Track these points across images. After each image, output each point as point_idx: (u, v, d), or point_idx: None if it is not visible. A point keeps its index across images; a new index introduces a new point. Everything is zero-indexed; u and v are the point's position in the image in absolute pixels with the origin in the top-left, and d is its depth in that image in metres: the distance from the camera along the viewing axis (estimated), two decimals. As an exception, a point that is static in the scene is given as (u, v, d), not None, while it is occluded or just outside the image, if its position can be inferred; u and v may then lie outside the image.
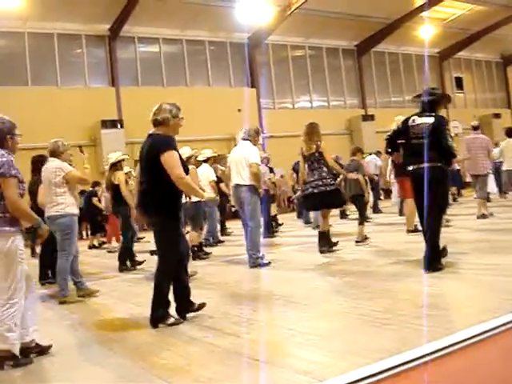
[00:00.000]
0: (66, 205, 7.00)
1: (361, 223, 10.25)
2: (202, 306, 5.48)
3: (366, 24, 28.55)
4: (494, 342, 3.79)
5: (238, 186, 8.78)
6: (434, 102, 6.83)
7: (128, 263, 9.90)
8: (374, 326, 4.42)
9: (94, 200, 15.03)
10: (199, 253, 10.35)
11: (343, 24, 27.71)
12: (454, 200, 16.60)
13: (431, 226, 6.51)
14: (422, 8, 27.13)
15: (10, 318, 4.33)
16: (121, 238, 10.65)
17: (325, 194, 8.93)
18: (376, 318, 4.62)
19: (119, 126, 22.41)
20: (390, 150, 7.35)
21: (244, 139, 8.96)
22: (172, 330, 5.06)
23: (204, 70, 26.50)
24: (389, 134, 7.36)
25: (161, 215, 5.25)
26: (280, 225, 15.41)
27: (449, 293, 5.44)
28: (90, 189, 15.15)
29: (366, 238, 10.07)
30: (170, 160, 5.09)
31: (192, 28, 25.39)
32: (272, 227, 14.08)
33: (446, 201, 6.92)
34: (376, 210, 16.78)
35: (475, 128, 12.59)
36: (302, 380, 3.41)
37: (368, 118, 29.36)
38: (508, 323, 4.03)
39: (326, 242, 9.29)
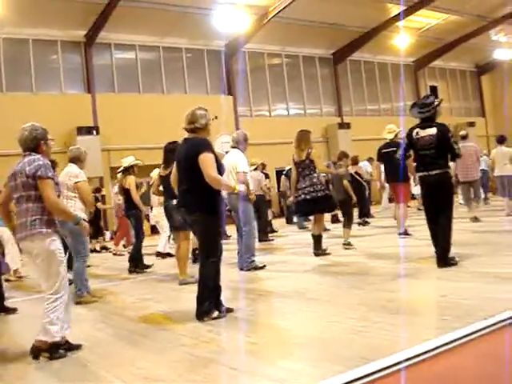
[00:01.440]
0: (74, 209, 7.02)
1: (346, 226, 10.52)
2: (229, 310, 5.64)
3: (342, 33, 28.74)
4: (468, 349, 3.83)
5: (229, 193, 8.82)
6: (432, 113, 7.33)
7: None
8: (349, 333, 4.45)
9: (98, 205, 15.28)
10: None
11: (320, 32, 27.86)
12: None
13: (445, 225, 7.07)
14: (397, 17, 27.37)
15: (53, 311, 4.59)
16: (133, 240, 10.89)
17: (316, 199, 9.20)
18: (352, 326, 4.64)
19: (95, 132, 22.22)
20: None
21: (233, 147, 9.19)
22: (149, 337, 5.03)
23: (181, 77, 26.43)
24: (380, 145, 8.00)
25: (202, 212, 5.52)
26: (275, 231, 15.60)
27: (424, 299, 5.49)
28: (92, 194, 15.24)
29: (349, 244, 10.25)
30: (206, 161, 5.43)
31: (169, 35, 25.33)
32: (267, 232, 14.23)
33: (452, 203, 7.32)
34: (368, 214, 16.91)
35: (464, 137, 13.16)
36: (277, 388, 3.41)
37: (344, 125, 29.51)
38: (481, 330, 4.08)
39: (320, 246, 9.63)
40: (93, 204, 7.46)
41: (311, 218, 10.79)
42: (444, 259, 6.95)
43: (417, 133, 7.34)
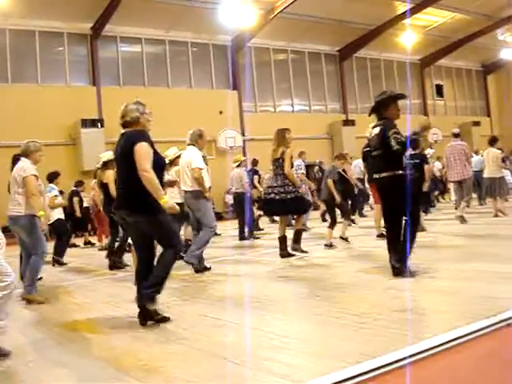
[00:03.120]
0: (24, 206, 6.98)
1: (329, 226, 10.39)
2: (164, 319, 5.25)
3: (348, 29, 28.70)
4: (468, 348, 3.83)
5: (185, 192, 8.78)
6: (376, 110, 6.86)
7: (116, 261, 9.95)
8: (350, 329, 4.45)
9: (75, 200, 15.00)
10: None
11: (326, 29, 27.83)
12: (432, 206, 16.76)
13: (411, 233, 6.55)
14: (404, 15, 27.34)
15: None
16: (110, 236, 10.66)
17: (285, 200, 9.00)
18: (352, 322, 4.64)
19: (99, 125, 22.25)
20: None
21: (188, 144, 8.84)
22: (149, 331, 5.04)
23: (186, 72, 26.43)
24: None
25: (144, 212, 5.11)
26: (261, 229, 15.41)
27: (424, 298, 5.49)
28: (73, 188, 15.11)
29: (331, 245, 10.15)
30: (141, 151, 5.03)
31: (175, 29, 25.32)
32: (253, 230, 14.11)
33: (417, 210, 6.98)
34: (360, 213, 16.89)
35: (456, 135, 12.92)
36: (279, 383, 3.41)
37: (349, 122, 29.47)
38: (482, 329, 4.08)
39: (285, 246, 9.41)
40: (39, 198, 7.13)
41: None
42: (397, 269, 6.46)
43: (370, 133, 6.99)
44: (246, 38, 26.52)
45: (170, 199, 5.65)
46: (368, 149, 9.46)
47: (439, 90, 36.16)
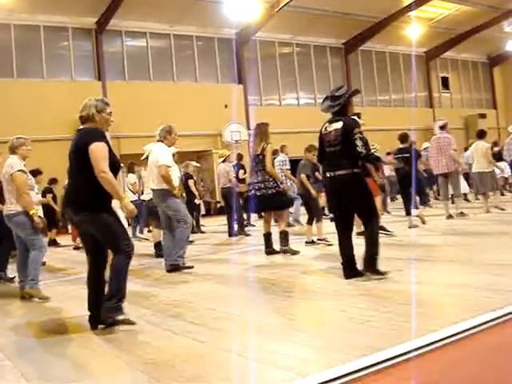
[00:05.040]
0: (16, 203, 7.02)
1: (307, 222, 10.26)
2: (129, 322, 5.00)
3: (353, 22, 28.58)
4: (475, 340, 3.83)
5: (152, 190, 8.64)
6: (341, 106, 6.58)
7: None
8: (356, 322, 4.45)
9: (48, 197, 14.50)
10: (161, 251, 9.98)
11: (331, 22, 27.74)
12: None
13: (368, 236, 6.38)
14: (409, 7, 27.21)
15: None
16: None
17: (266, 196, 8.86)
18: (358, 315, 4.64)
19: (105, 120, 22.27)
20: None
21: (158, 140, 8.57)
22: (155, 325, 5.05)
23: (191, 66, 26.41)
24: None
25: (90, 211, 4.90)
26: (253, 225, 15.28)
27: (431, 291, 5.48)
28: (46, 185, 14.88)
29: (313, 242, 10.04)
30: (97, 152, 4.81)
31: (180, 23, 25.29)
32: (243, 226, 13.99)
33: (373, 205, 6.61)
34: None
35: (442, 127, 12.75)
36: (284, 375, 3.42)
37: (354, 115, 29.31)
38: (488, 322, 4.07)
39: (270, 243, 9.33)
40: (29, 195, 7.08)
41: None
42: (369, 267, 6.25)
43: (325, 128, 6.62)
44: (251, 31, 26.48)
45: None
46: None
47: (445, 83, 36.01)
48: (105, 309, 4.89)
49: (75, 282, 8.15)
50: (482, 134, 13.48)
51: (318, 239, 10.03)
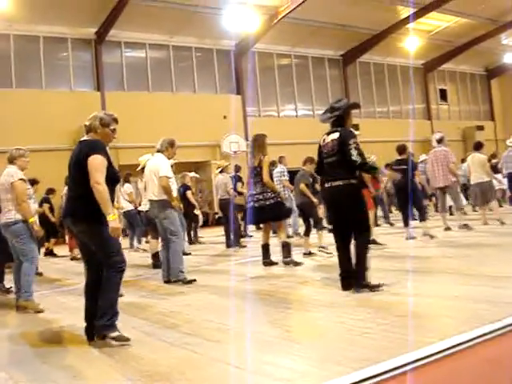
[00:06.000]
0: (15, 211, 7.04)
1: (305, 234, 10.32)
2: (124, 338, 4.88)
3: (352, 34, 28.70)
4: (473, 353, 3.81)
5: (150, 201, 8.61)
6: (340, 117, 6.65)
7: None
8: (354, 334, 4.43)
9: (45, 207, 14.53)
10: (158, 262, 10.01)
11: (329, 33, 27.85)
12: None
13: (357, 248, 6.35)
14: (407, 20, 27.35)
15: None
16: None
17: (264, 207, 8.87)
18: (356, 327, 4.63)
19: (104, 130, 22.28)
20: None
21: (158, 151, 8.56)
22: (151, 336, 5.03)
23: (190, 77, 26.48)
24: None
25: (90, 222, 4.91)
26: (249, 235, 15.22)
27: (429, 303, 5.47)
28: (44, 195, 14.82)
29: (310, 253, 10.05)
30: (94, 163, 4.86)
31: (179, 34, 25.39)
32: (240, 237, 13.92)
33: (366, 218, 6.66)
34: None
35: (439, 141, 12.73)
36: (281, 388, 3.41)
37: (352, 127, 29.28)
38: (487, 334, 4.06)
39: (268, 254, 9.30)
40: (28, 204, 7.08)
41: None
42: (359, 281, 6.22)
43: (323, 140, 6.73)
44: (249, 42, 26.57)
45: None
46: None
47: (443, 95, 36.13)
48: (98, 327, 4.87)
49: (71, 293, 8.15)
50: (478, 146, 13.44)
51: (320, 247, 10.03)
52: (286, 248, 9.16)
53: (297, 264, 9.00)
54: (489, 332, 4.08)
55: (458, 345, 3.86)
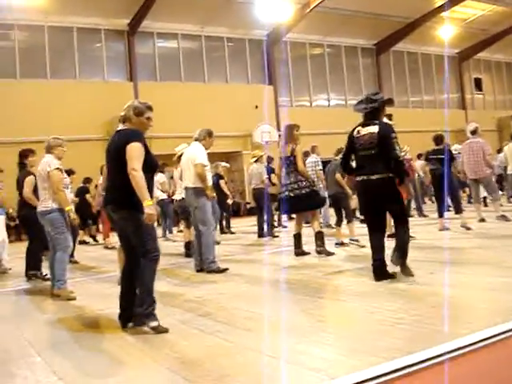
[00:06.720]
0: (52, 200, 7.15)
1: (336, 224, 10.29)
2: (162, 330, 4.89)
3: (385, 23, 28.41)
4: (509, 345, 3.76)
5: (186, 188, 8.66)
6: (376, 110, 6.62)
7: None
8: (385, 325, 4.41)
9: (87, 196, 14.90)
10: (190, 251, 10.09)
11: (362, 22, 27.61)
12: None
13: (401, 236, 6.46)
14: (442, 8, 26.95)
15: None
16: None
17: (300, 196, 8.84)
18: (388, 317, 4.60)
19: (137, 121, 22.46)
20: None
21: (195, 139, 8.69)
22: (184, 324, 5.07)
23: (222, 67, 26.52)
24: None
25: (131, 209, 4.96)
26: (281, 226, 15.16)
27: (463, 294, 5.41)
28: (81, 185, 15.04)
29: (342, 243, 9.99)
30: (132, 151, 4.90)
31: (211, 24, 25.42)
32: (273, 227, 13.92)
33: (404, 211, 6.72)
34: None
35: (473, 132, 12.54)
36: (313, 377, 3.40)
37: (386, 117, 29.13)
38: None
39: (300, 244, 9.31)
40: (64, 193, 7.18)
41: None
42: (399, 261, 6.39)
43: (358, 131, 6.62)
44: (281, 32, 26.48)
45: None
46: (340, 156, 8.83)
47: (478, 84, 35.57)
48: (137, 315, 4.94)
49: (105, 280, 8.26)
50: None
51: (350, 239, 9.98)
52: (320, 237, 9.13)
53: (329, 254, 8.99)
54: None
55: (493, 336, 3.81)
